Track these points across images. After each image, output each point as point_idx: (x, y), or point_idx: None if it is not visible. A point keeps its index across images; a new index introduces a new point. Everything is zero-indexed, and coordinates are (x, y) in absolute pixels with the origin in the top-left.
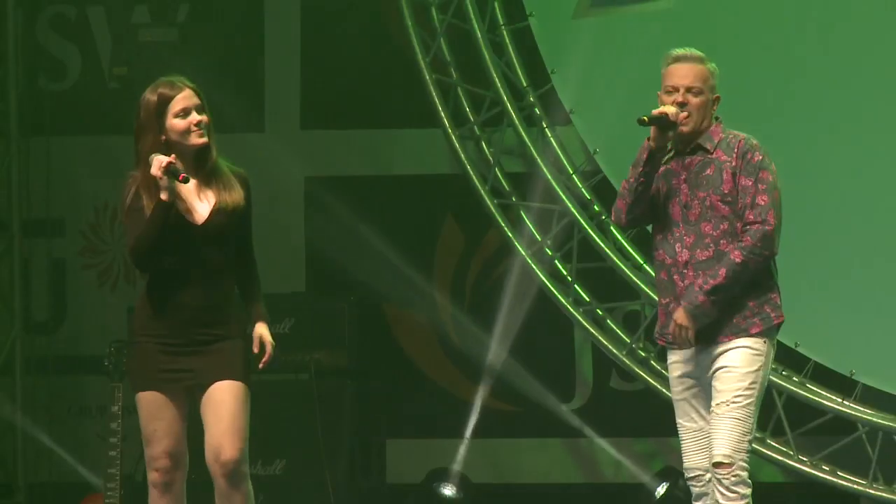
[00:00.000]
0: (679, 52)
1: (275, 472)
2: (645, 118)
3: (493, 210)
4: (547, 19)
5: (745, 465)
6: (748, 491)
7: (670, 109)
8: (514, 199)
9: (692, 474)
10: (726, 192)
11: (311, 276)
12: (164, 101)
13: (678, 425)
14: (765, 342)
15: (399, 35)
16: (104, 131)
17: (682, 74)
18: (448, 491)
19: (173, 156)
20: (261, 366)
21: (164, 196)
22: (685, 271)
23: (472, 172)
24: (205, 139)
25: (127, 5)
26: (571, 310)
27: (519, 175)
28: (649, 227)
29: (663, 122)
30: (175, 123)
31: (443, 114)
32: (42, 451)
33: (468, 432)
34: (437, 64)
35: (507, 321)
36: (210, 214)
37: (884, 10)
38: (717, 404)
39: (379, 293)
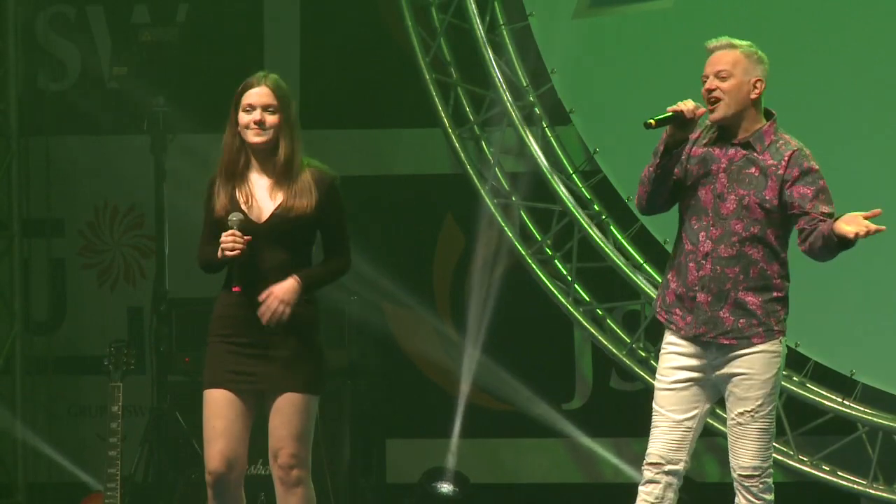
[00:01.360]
0: (711, 43)
1: None
2: (652, 122)
3: (494, 210)
4: (547, 19)
5: (771, 470)
6: (772, 496)
7: (687, 105)
8: (513, 199)
9: (651, 460)
10: (768, 198)
11: None
12: (240, 94)
13: (654, 410)
14: (781, 342)
15: (399, 35)
16: (104, 131)
17: (712, 63)
18: (444, 488)
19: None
20: (264, 321)
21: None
22: (703, 262)
23: (471, 172)
24: (261, 139)
25: (127, 5)
26: (571, 309)
27: (519, 175)
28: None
29: (679, 121)
30: (241, 117)
31: (443, 113)
32: (42, 451)
33: (456, 430)
34: (437, 64)
35: (476, 317)
36: (271, 216)
37: (886, 10)
38: (740, 413)
39: (379, 293)
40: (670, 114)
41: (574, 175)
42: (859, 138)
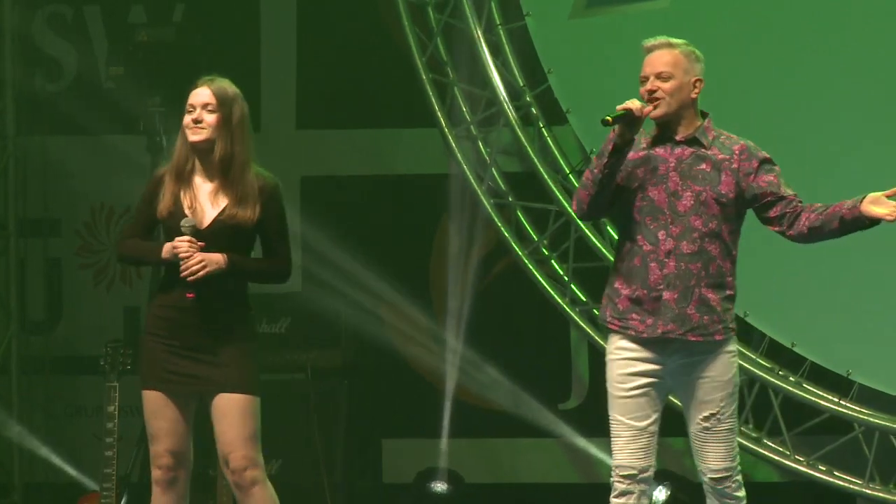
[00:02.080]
0: (649, 42)
1: (270, 472)
2: (609, 118)
3: (490, 210)
4: (543, 19)
5: (740, 468)
6: (744, 492)
7: (634, 104)
8: (510, 199)
9: (624, 472)
10: (724, 192)
11: (306, 277)
12: (187, 95)
13: (614, 420)
14: (735, 341)
15: (395, 35)
16: (100, 131)
17: (651, 63)
18: (438, 488)
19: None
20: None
21: (164, 256)
22: (666, 260)
23: (468, 172)
24: (198, 137)
25: (123, 5)
26: (568, 309)
27: (515, 175)
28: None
29: (629, 119)
30: (184, 118)
31: (439, 113)
32: (38, 451)
33: (445, 426)
34: (434, 63)
35: (454, 307)
36: (213, 221)
37: (881, 9)
38: (706, 417)
39: (374, 293)
40: (622, 112)
41: (571, 175)
42: (855, 137)
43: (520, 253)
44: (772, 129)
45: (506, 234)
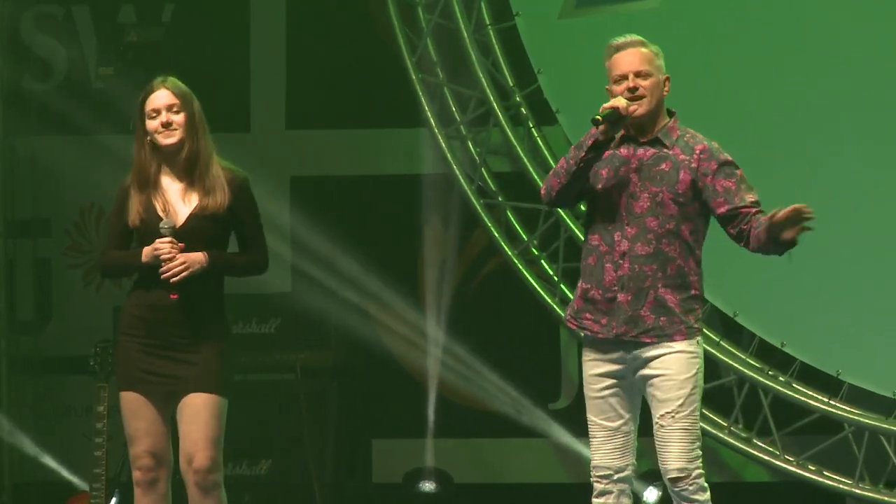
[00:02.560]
0: (618, 40)
1: (260, 473)
2: (598, 117)
3: (480, 210)
4: (533, 19)
5: (701, 470)
6: (707, 495)
7: (620, 102)
8: (500, 199)
9: (601, 473)
10: (680, 191)
11: (296, 277)
12: (143, 103)
13: (590, 422)
14: (698, 342)
15: (385, 35)
16: (90, 131)
17: (628, 61)
18: (426, 487)
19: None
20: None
21: (145, 260)
22: (621, 262)
23: (458, 172)
24: (171, 140)
25: (113, 5)
26: (557, 309)
27: (505, 175)
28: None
29: (615, 117)
30: (148, 124)
31: (429, 113)
32: (28, 451)
33: (430, 425)
34: (424, 64)
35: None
36: (188, 218)
37: (870, 10)
38: (662, 416)
39: (364, 293)
40: (610, 110)
41: None
42: (846, 138)
43: (509, 253)
44: (761, 128)
45: (495, 233)
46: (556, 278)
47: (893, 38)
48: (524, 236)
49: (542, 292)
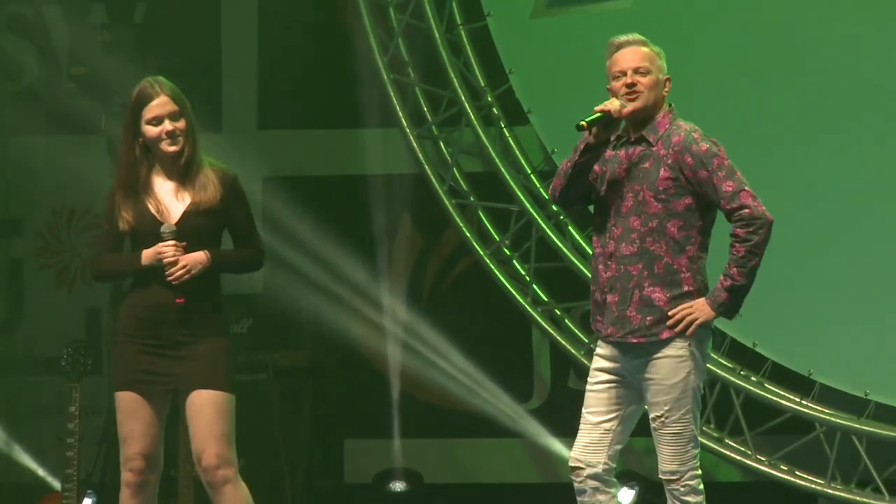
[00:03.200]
0: (620, 38)
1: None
2: (583, 123)
3: (451, 210)
4: (505, 19)
5: (694, 472)
6: (700, 498)
7: (613, 105)
8: (472, 199)
9: (572, 464)
10: (661, 189)
11: (268, 277)
12: (140, 105)
13: (582, 413)
14: (689, 344)
15: (357, 35)
16: (61, 131)
17: (628, 58)
18: (397, 487)
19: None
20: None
21: (145, 263)
22: (609, 263)
23: (430, 172)
24: (175, 147)
25: (84, 5)
26: (529, 309)
27: (477, 175)
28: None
29: (606, 121)
30: (147, 129)
31: (401, 113)
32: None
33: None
34: (395, 64)
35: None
36: (182, 216)
37: (841, 8)
38: (653, 418)
39: (336, 294)
40: (599, 114)
41: (532, 175)
42: (819, 138)
43: (481, 253)
44: (731, 128)
45: (467, 234)
46: (527, 278)
47: (864, 33)
48: (496, 236)
49: (514, 292)
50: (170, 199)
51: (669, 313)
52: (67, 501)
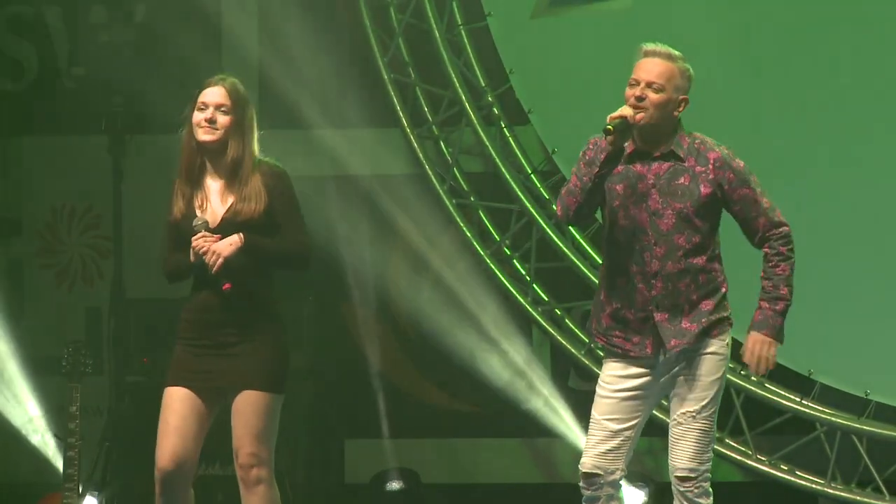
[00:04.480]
0: (650, 46)
1: (233, 473)
2: (610, 127)
3: (452, 210)
4: (505, 19)
5: (708, 474)
6: (710, 500)
7: (627, 111)
8: (472, 199)
9: (587, 469)
10: (703, 205)
11: None
12: (199, 92)
13: (593, 418)
14: (728, 344)
15: (357, 35)
16: (62, 131)
17: (647, 69)
18: (394, 486)
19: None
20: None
21: (193, 260)
22: (654, 282)
23: (430, 172)
24: (210, 137)
25: (84, 5)
26: (530, 309)
27: (477, 175)
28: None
29: (624, 126)
30: (193, 115)
31: (401, 113)
32: None
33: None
34: (396, 64)
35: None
36: (221, 220)
37: (845, 8)
38: (682, 413)
39: (337, 293)
40: (619, 119)
41: (532, 175)
42: (826, 135)
43: (482, 253)
44: (732, 130)
45: (468, 234)
46: (528, 278)
47: (866, 33)
48: (496, 236)
49: (514, 292)
50: (215, 199)
51: (745, 360)
52: (68, 501)
